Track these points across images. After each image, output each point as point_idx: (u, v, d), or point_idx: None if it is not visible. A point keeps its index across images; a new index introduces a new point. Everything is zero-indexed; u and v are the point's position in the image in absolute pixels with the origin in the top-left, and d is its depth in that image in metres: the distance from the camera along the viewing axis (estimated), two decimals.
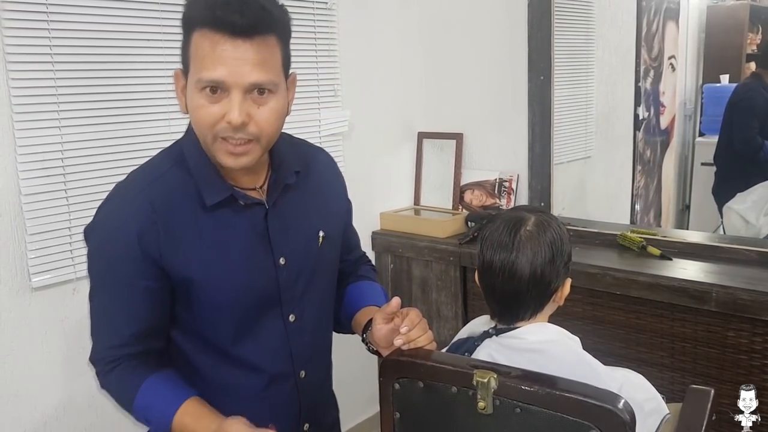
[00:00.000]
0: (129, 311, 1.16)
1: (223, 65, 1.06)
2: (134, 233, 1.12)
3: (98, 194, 1.85)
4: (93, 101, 1.85)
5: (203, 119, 1.10)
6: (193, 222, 1.16)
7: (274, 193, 1.23)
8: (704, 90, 2.97)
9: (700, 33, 2.98)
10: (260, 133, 1.12)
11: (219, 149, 1.12)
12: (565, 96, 2.58)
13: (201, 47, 1.08)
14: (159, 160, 1.22)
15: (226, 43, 1.06)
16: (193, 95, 1.10)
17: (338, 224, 1.39)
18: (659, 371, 2.02)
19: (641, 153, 2.90)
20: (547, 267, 1.26)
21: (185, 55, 1.13)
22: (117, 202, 1.18)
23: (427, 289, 2.58)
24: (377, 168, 2.73)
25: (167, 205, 1.14)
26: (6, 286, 1.74)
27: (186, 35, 1.12)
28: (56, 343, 1.85)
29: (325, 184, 1.36)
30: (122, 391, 1.18)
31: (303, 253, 1.26)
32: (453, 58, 2.73)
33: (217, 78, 1.07)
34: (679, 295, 1.93)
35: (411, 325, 1.20)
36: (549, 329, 1.30)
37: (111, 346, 1.18)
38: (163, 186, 1.16)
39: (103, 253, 1.17)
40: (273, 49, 1.11)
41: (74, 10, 1.79)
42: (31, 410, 1.81)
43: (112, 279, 1.16)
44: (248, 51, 1.07)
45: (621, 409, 1.01)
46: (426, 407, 1.17)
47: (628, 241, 2.24)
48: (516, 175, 2.61)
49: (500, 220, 1.31)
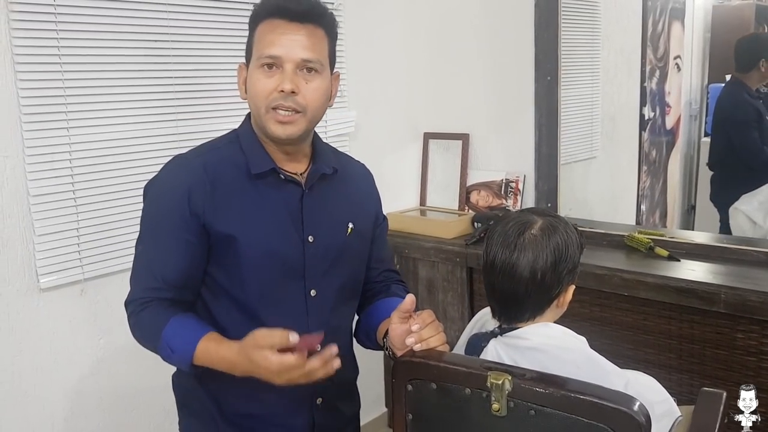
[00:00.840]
0: (169, 259, 1.28)
1: (280, 44, 1.26)
2: (186, 190, 1.27)
3: (106, 195, 1.86)
4: (101, 102, 1.85)
5: (260, 90, 1.27)
6: (238, 187, 1.30)
7: (311, 180, 1.35)
8: (710, 90, 2.96)
9: (706, 33, 2.97)
10: (306, 105, 1.27)
11: (270, 119, 1.27)
12: (571, 96, 2.57)
13: (264, 32, 1.28)
14: (218, 139, 1.39)
15: (284, 26, 1.26)
16: (253, 73, 1.28)
17: (368, 224, 1.47)
18: (667, 373, 2.02)
19: (647, 153, 2.89)
20: (548, 271, 1.25)
21: (249, 47, 1.32)
22: (177, 162, 1.34)
23: (433, 290, 2.57)
24: (383, 168, 2.71)
25: (218, 170, 1.30)
26: (14, 287, 1.74)
27: (251, 30, 1.31)
28: (64, 344, 1.85)
29: (360, 190, 1.48)
30: (152, 323, 1.26)
31: (331, 236, 1.37)
32: (459, 58, 2.72)
33: (274, 53, 1.25)
34: (688, 297, 1.93)
35: (423, 324, 1.21)
36: (553, 329, 1.30)
37: (147, 287, 1.28)
38: (216, 155, 1.32)
39: (157, 205, 1.31)
40: (321, 39, 1.30)
41: (82, 11, 1.79)
42: (39, 411, 1.81)
43: (159, 228, 1.30)
44: (301, 34, 1.26)
45: (636, 412, 1.01)
46: (439, 409, 1.17)
47: (636, 242, 2.23)
48: (522, 175, 2.60)
49: (509, 220, 1.31)
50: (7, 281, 1.73)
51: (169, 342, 1.23)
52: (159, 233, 1.30)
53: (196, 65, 2.04)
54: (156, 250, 1.30)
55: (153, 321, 1.27)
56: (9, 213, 1.71)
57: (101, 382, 1.90)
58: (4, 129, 1.69)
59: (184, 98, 2.03)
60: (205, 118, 2.07)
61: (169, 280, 1.28)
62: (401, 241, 2.62)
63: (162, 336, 1.24)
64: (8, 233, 1.72)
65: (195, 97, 2.04)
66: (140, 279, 1.31)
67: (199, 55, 2.04)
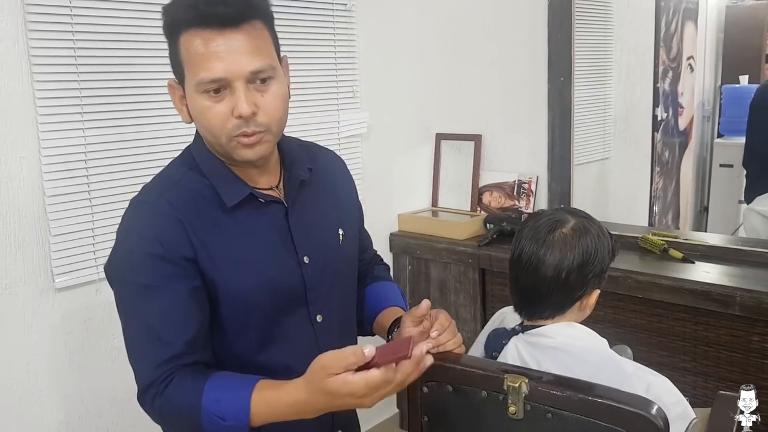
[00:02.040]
0: (178, 317, 1.08)
1: (219, 61, 1.05)
2: (163, 235, 1.09)
3: (121, 195, 1.86)
4: (116, 103, 1.86)
5: (212, 121, 1.08)
6: (215, 224, 1.14)
7: (290, 191, 1.22)
8: (723, 91, 2.94)
9: (719, 33, 2.95)
10: (270, 121, 1.11)
11: (235, 147, 1.11)
12: (584, 97, 2.57)
13: (192, 48, 1.06)
14: (172, 168, 1.20)
15: (217, 38, 1.05)
16: (196, 99, 1.09)
17: (354, 223, 1.38)
18: (681, 375, 2.01)
19: (659, 154, 2.88)
20: (573, 272, 1.25)
21: (176, 63, 1.11)
22: (135, 214, 1.14)
23: (445, 291, 2.57)
24: (395, 169, 2.72)
25: (189, 207, 1.12)
26: (30, 286, 1.75)
27: (172, 42, 1.10)
28: (79, 344, 1.86)
29: (338, 184, 1.35)
30: (185, 396, 1.04)
31: (325, 251, 1.25)
32: (471, 58, 2.72)
33: (216, 75, 1.05)
34: (702, 299, 1.92)
35: (441, 329, 1.19)
36: (577, 329, 1.30)
37: (161, 362, 1.06)
38: (181, 190, 1.14)
39: (132, 267, 1.10)
40: (262, 33, 1.10)
41: (98, 12, 1.80)
42: (53, 410, 1.82)
43: (147, 287, 1.08)
44: (240, 40, 1.06)
45: (654, 415, 1.01)
46: (455, 411, 1.17)
47: (649, 243, 2.22)
48: (535, 176, 2.59)
49: (542, 217, 1.31)
50: (23, 281, 1.74)
51: (214, 409, 1.02)
52: (153, 294, 1.08)
53: None
54: (159, 317, 1.08)
55: (185, 393, 1.05)
56: (25, 213, 1.72)
57: (115, 382, 1.91)
58: (21, 130, 1.70)
59: None
60: None
61: (186, 341, 1.07)
62: (413, 242, 2.62)
63: (202, 408, 1.02)
64: (24, 233, 1.73)
65: None
66: (149, 357, 1.08)
67: None
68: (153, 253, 1.08)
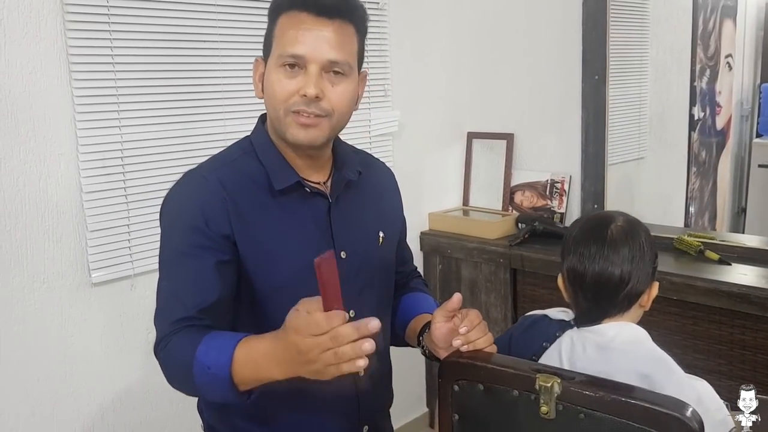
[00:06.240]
0: (197, 284, 1.12)
1: (304, 42, 1.12)
2: (207, 210, 1.14)
3: (156, 192, 1.89)
4: (152, 101, 1.89)
5: (278, 92, 1.14)
6: (262, 207, 1.18)
7: (337, 189, 1.25)
8: (762, 90, 2.89)
9: (758, 31, 2.90)
10: (332, 109, 1.16)
11: (290, 123, 1.15)
12: (618, 95, 2.53)
13: (286, 27, 1.14)
14: (229, 150, 1.26)
15: (309, 22, 1.13)
16: (272, 72, 1.15)
17: (395, 231, 1.39)
18: (717, 379, 1.97)
19: (696, 154, 2.83)
20: (635, 269, 1.25)
21: (268, 41, 1.18)
22: (187, 182, 1.20)
23: (476, 290, 2.56)
24: (426, 168, 2.72)
25: (237, 187, 1.17)
26: (67, 281, 1.79)
27: (271, 21, 1.18)
28: (114, 338, 1.89)
29: (385, 192, 1.39)
30: (183, 348, 1.07)
31: (364, 250, 1.27)
32: (504, 57, 2.70)
33: (297, 52, 1.12)
34: (739, 302, 1.88)
35: (470, 326, 1.17)
36: (634, 329, 1.28)
37: (175, 320, 1.09)
38: (233, 169, 1.20)
39: (173, 229, 1.18)
40: (351, 37, 1.17)
41: (135, 12, 1.83)
42: (89, 402, 1.86)
43: (182, 253, 1.14)
44: (329, 31, 1.13)
45: (689, 418, 0.99)
46: (486, 410, 1.16)
47: (685, 245, 2.18)
48: (568, 176, 2.57)
49: (587, 223, 1.32)
50: (60, 276, 1.77)
51: (204, 360, 1.03)
52: (183, 259, 1.14)
53: (244, 65, 2.06)
54: (181, 279, 1.13)
55: (184, 345, 1.07)
56: (63, 209, 1.76)
57: (149, 376, 1.94)
58: (59, 127, 1.73)
59: (232, 97, 2.05)
60: (252, 117, 2.08)
61: (200, 306, 1.10)
62: (444, 241, 2.61)
63: (195, 356, 1.04)
64: (62, 229, 1.76)
65: (242, 96, 2.07)
66: (168, 313, 1.12)
67: (246, 55, 2.06)
68: (194, 226, 1.14)
